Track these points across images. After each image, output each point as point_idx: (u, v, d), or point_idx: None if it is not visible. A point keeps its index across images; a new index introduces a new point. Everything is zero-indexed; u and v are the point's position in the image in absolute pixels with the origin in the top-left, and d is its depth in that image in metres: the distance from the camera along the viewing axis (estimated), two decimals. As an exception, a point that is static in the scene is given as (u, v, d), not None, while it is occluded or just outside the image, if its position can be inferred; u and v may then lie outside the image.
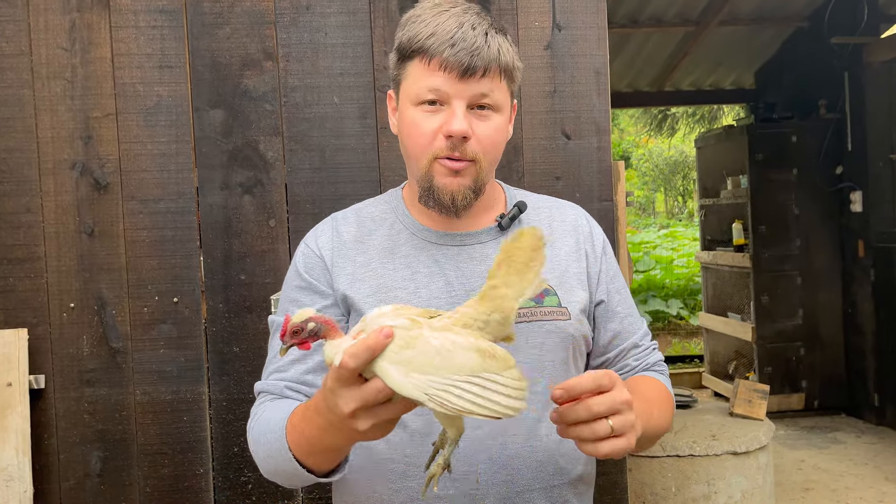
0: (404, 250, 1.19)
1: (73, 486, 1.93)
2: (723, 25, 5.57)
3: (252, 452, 1.12)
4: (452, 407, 0.79)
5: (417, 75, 1.10)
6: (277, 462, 1.04)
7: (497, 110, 1.13)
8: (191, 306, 1.95)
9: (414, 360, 0.80)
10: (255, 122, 1.97)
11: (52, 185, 1.93)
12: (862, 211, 5.10)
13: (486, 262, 1.17)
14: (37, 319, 1.92)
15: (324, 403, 0.90)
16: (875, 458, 4.50)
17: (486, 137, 1.12)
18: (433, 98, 1.09)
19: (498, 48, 1.10)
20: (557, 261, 1.21)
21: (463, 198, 1.13)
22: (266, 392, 1.17)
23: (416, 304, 1.12)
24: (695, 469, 2.83)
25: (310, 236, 1.24)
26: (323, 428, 0.93)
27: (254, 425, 1.12)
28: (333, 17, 1.98)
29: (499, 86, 1.11)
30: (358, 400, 0.84)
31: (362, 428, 0.86)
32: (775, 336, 5.36)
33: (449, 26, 1.08)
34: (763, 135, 5.34)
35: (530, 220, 1.24)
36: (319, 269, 1.19)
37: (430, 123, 1.10)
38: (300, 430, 0.98)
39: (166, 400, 1.95)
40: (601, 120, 2.04)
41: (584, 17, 2.02)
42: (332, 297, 1.17)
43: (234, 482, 1.96)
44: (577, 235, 1.25)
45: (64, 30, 1.92)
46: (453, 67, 1.07)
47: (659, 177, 17.79)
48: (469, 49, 1.07)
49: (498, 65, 1.10)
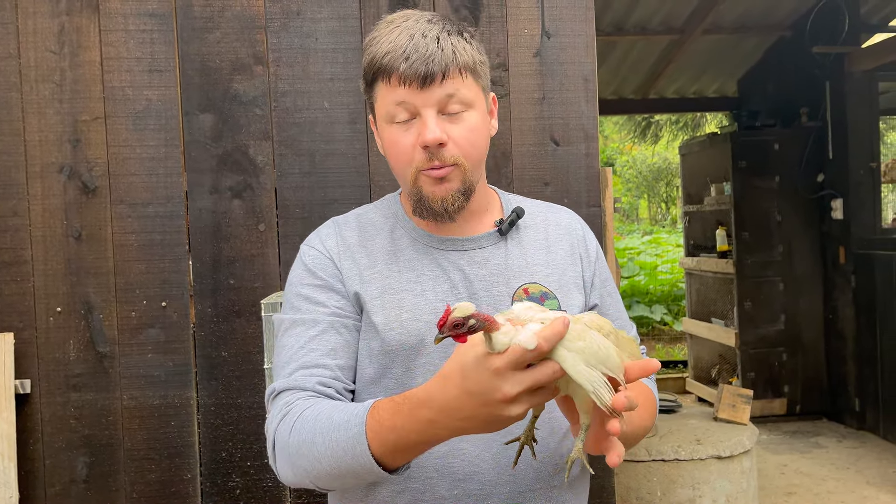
0: (407, 254, 1.19)
1: (59, 492, 1.92)
2: (706, 34, 5.64)
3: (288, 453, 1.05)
4: (601, 401, 0.88)
5: (383, 95, 1.12)
6: (341, 460, 0.99)
7: (469, 107, 1.13)
8: (179, 310, 1.95)
9: (585, 351, 0.87)
10: (245, 126, 1.97)
11: (40, 189, 1.92)
12: (843, 218, 5.17)
13: (487, 265, 1.18)
14: (23, 324, 1.91)
15: (458, 391, 0.89)
16: (856, 463, 4.55)
17: (462, 138, 1.12)
18: (402, 114, 1.11)
19: (453, 49, 1.10)
20: (556, 265, 1.23)
21: (453, 202, 1.14)
22: (293, 389, 1.10)
23: (422, 306, 1.14)
24: (680, 473, 2.85)
25: (314, 239, 1.23)
26: (430, 420, 0.92)
27: (294, 426, 1.04)
28: (324, 23, 1.99)
29: (464, 84, 1.12)
30: (528, 381, 0.86)
31: (516, 412, 0.88)
32: (758, 341, 5.41)
33: (401, 41, 1.09)
34: (746, 142, 5.40)
35: (528, 225, 1.25)
36: (331, 269, 1.18)
37: (406, 138, 1.12)
38: (390, 424, 0.96)
39: (154, 405, 1.94)
40: (589, 126, 2.06)
41: (573, 25, 2.04)
42: (345, 294, 1.17)
43: (222, 487, 1.95)
44: (572, 239, 1.27)
45: (53, 33, 1.91)
46: (412, 79, 1.08)
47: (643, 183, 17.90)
48: (423, 58, 1.08)
49: (456, 65, 1.10)
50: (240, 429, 1.96)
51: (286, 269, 1.97)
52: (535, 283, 1.19)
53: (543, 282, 1.20)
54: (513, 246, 1.22)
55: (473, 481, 1.10)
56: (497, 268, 1.19)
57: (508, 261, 1.20)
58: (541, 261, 1.22)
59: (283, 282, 1.97)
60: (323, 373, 1.11)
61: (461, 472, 1.10)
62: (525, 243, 1.23)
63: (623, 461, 2.96)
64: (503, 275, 1.18)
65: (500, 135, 2.04)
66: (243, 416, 1.96)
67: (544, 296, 1.18)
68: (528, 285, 1.18)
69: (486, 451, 1.11)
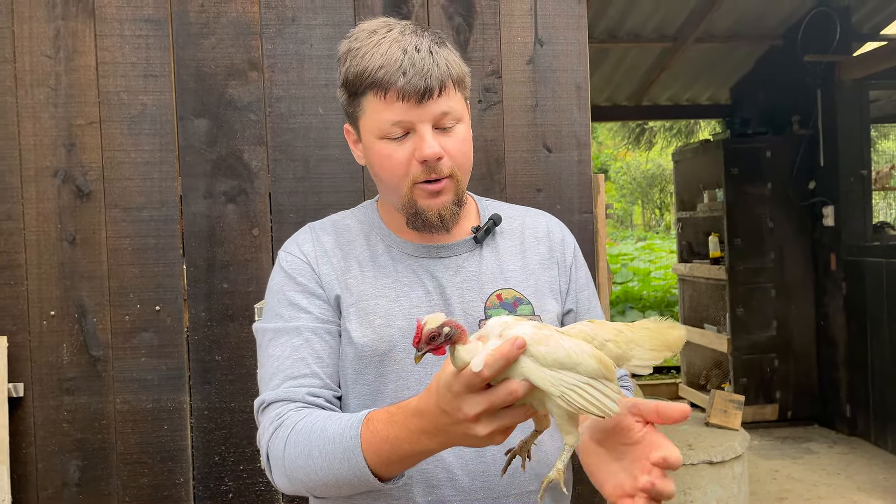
0: (382, 260, 1.20)
1: (52, 496, 1.92)
2: (699, 42, 5.68)
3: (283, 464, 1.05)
4: (575, 404, 0.85)
5: (376, 109, 1.11)
6: (338, 471, 1.00)
7: (460, 120, 1.15)
8: (173, 315, 1.95)
9: (547, 357, 0.85)
10: (240, 131, 1.98)
11: (34, 193, 1.92)
12: (834, 225, 5.21)
13: (461, 272, 1.19)
14: (16, 327, 1.91)
15: (435, 408, 0.91)
16: (847, 468, 4.57)
17: (456, 150, 1.14)
18: (398, 130, 1.11)
19: (446, 63, 1.11)
20: (531, 269, 1.23)
21: (451, 214, 1.15)
22: (283, 400, 1.10)
23: (396, 312, 1.15)
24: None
25: (291, 244, 1.24)
26: (424, 431, 0.93)
27: (289, 437, 1.05)
28: (319, 29, 2.00)
29: (456, 98, 1.13)
30: (485, 403, 0.86)
31: (482, 433, 0.88)
32: (750, 347, 5.44)
33: (394, 54, 1.08)
34: (738, 149, 5.44)
35: (504, 231, 1.26)
36: (309, 274, 1.19)
37: (401, 153, 1.12)
38: (383, 435, 0.97)
39: (147, 408, 1.94)
40: (582, 133, 2.08)
41: (566, 34, 2.06)
42: (326, 299, 1.17)
43: (215, 491, 1.96)
44: (550, 243, 1.27)
45: (48, 38, 1.92)
46: (410, 95, 1.08)
47: (636, 190, 17.97)
48: (421, 73, 1.08)
49: (451, 79, 1.12)
50: (233, 433, 1.96)
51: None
52: (509, 288, 1.20)
53: (517, 287, 1.20)
54: (488, 252, 1.23)
55: (448, 487, 1.11)
56: (471, 274, 1.19)
57: (482, 267, 1.21)
58: (515, 266, 1.23)
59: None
60: (312, 382, 1.12)
61: (436, 478, 1.10)
62: (500, 249, 1.24)
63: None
64: (476, 281, 1.19)
65: (493, 141, 2.05)
66: (236, 420, 1.96)
67: (517, 301, 1.19)
68: (500, 291, 1.19)
69: (461, 457, 1.12)
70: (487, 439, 0.89)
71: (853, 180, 5.15)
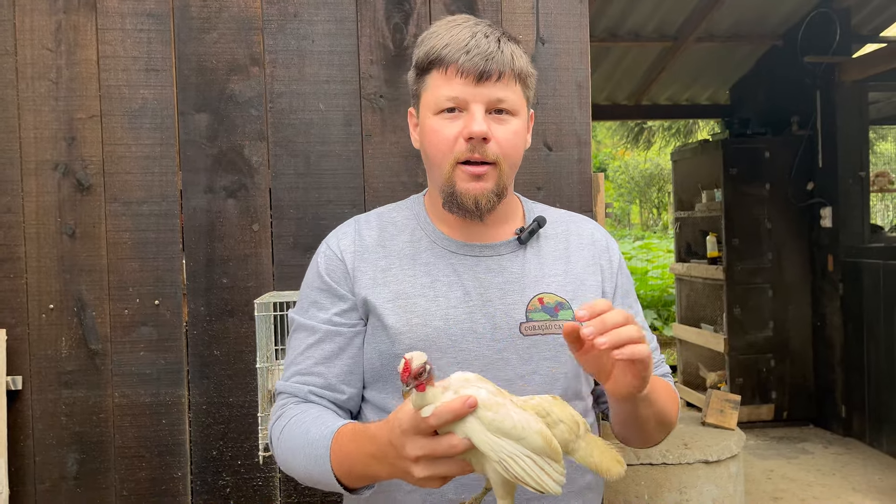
0: (425, 258, 1.20)
1: (49, 489, 1.92)
2: (699, 42, 5.68)
3: (278, 454, 1.15)
4: (512, 472, 0.88)
5: (436, 85, 1.14)
6: (313, 472, 1.07)
7: (514, 114, 1.16)
8: (172, 309, 1.95)
9: (493, 423, 0.88)
10: (241, 126, 1.98)
11: (34, 186, 1.92)
12: (832, 226, 5.22)
13: (504, 273, 1.19)
14: (15, 320, 1.91)
15: (386, 438, 0.94)
16: (842, 469, 4.59)
17: (505, 140, 1.15)
18: (452, 105, 1.13)
19: (511, 54, 1.14)
20: (574, 274, 1.23)
21: (487, 201, 1.15)
22: (288, 394, 1.19)
23: (434, 312, 1.15)
24: (667, 477, 2.87)
25: (332, 237, 1.25)
26: (373, 456, 0.97)
27: (283, 430, 1.14)
28: (320, 25, 2.00)
29: (514, 90, 1.15)
30: (426, 449, 0.89)
31: (419, 475, 0.91)
32: (747, 347, 5.45)
33: (462, 35, 1.13)
34: (737, 150, 5.44)
35: (548, 235, 1.25)
36: (340, 273, 1.20)
37: (450, 129, 1.14)
38: (347, 450, 1.02)
39: (145, 403, 1.95)
40: (582, 132, 2.08)
41: (567, 32, 2.06)
42: (351, 301, 1.19)
43: (213, 486, 1.96)
44: (594, 249, 1.27)
45: (50, 31, 1.92)
46: (469, 72, 1.11)
47: (634, 189, 17.97)
48: (483, 54, 1.11)
49: (512, 69, 1.14)
50: (231, 428, 1.96)
51: (279, 269, 1.98)
52: (551, 293, 1.19)
53: (559, 292, 1.20)
54: (531, 255, 1.22)
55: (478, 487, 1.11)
56: (513, 276, 1.19)
57: (525, 269, 1.20)
58: (559, 270, 1.22)
59: (276, 282, 1.98)
60: (315, 381, 1.18)
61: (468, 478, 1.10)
62: (544, 253, 1.23)
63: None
64: (519, 283, 1.19)
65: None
66: (234, 415, 1.96)
67: (559, 305, 1.18)
68: (543, 295, 1.19)
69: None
70: (424, 482, 0.92)
71: (851, 182, 5.16)
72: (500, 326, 1.15)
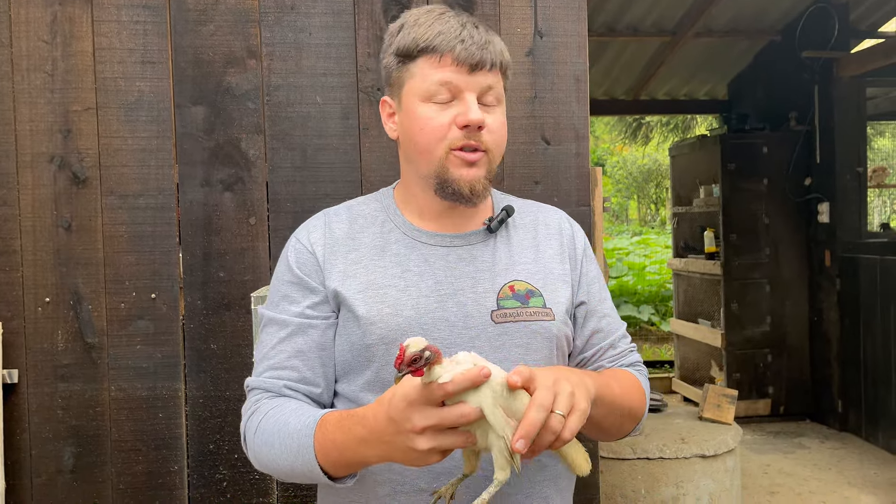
0: (395, 248, 1.21)
1: (45, 482, 1.92)
2: (698, 37, 5.67)
3: (253, 449, 1.13)
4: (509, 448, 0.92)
5: (426, 72, 1.14)
6: (294, 464, 1.06)
7: (500, 104, 1.19)
8: (169, 303, 1.95)
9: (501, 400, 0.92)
10: (238, 119, 1.97)
11: (30, 179, 1.91)
12: (829, 222, 5.22)
13: (474, 262, 1.20)
14: (11, 313, 1.90)
15: (384, 415, 0.94)
16: (838, 463, 4.60)
17: (496, 129, 1.18)
18: (445, 91, 1.14)
19: (500, 46, 1.18)
20: (542, 262, 1.24)
21: (482, 188, 1.18)
22: (262, 389, 1.17)
23: (404, 301, 1.16)
24: (664, 471, 2.88)
25: (301, 231, 1.25)
26: (364, 439, 0.97)
27: (259, 425, 1.12)
28: (318, 18, 1.99)
29: (499, 81, 1.18)
30: (436, 418, 0.90)
31: (422, 447, 0.91)
32: (744, 343, 5.46)
33: (453, 26, 1.14)
34: (735, 145, 5.44)
35: (517, 224, 1.27)
36: (311, 265, 1.20)
37: (442, 117, 1.14)
38: (332, 437, 1.02)
39: (142, 396, 1.94)
40: (580, 126, 2.08)
41: (566, 25, 2.06)
42: (322, 294, 1.19)
43: (209, 479, 1.96)
44: (562, 238, 1.28)
45: (45, 23, 1.91)
46: (464, 61, 1.13)
47: (632, 184, 17.97)
48: (479, 44, 1.14)
49: (501, 61, 1.17)
50: (227, 421, 1.96)
51: (276, 262, 1.97)
52: (521, 280, 1.20)
53: (530, 280, 1.21)
54: (501, 244, 1.23)
55: (452, 476, 1.11)
56: (484, 265, 1.20)
57: (496, 258, 1.21)
58: (528, 259, 1.24)
59: (272, 275, 1.97)
60: (290, 375, 1.17)
61: (441, 466, 1.10)
62: (513, 241, 1.25)
63: (608, 459, 2.97)
64: (489, 271, 1.20)
65: (492, 133, 2.05)
66: (231, 408, 1.96)
67: (530, 293, 1.20)
68: (513, 282, 1.20)
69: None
70: (425, 455, 0.92)
71: (849, 177, 5.17)
72: (471, 315, 1.16)
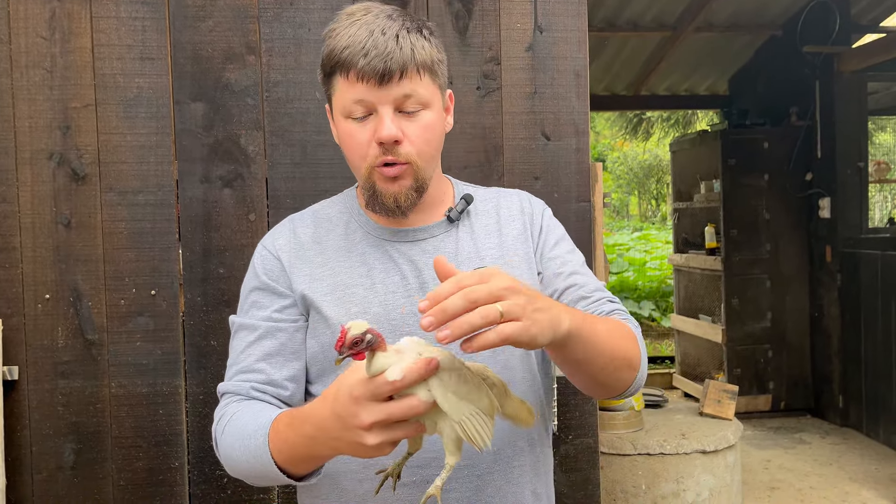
0: (360, 248, 1.21)
1: (46, 479, 1.92)
2: (699, 32, 5.66)
3: (221, 453, 1.13)
4: (466, 433, 0.92)
5: (342, 90, 1.12)
6: (254, 466, 1.06)
7: (426, 107, 1.14)
8: (168, 299, 1.95)
9: (457, 386, 0.91)
10: (237, 115, 1.97)
11: (29, 175, 1.91)
12: (830, 217, 5.21)
13: (438, 254, 1.19)
14: (11, 310, 1.90)
15: (329, 412, 0.93)
16: (839, 459, 4.60)
17: (417, 137, 1.13)
18: (360, 109, 1.11)
19: (412, 48, 1.11)
20: (507, 247, 1.24)
21: (406, 199, 1.16)
22: (231, 393, 1.18)
23: (371, 299, 1.16)
24: (665, 467, 2.88)
25: (267, 238, 1.26)
26: (311, 437, 0.96)
27: (225, 428, 1.12)
28: (317, 13, 1.99)
29: (421, 83, 1.12)
30: (384, 413, 0.88)
31: (371, 442, 0.89)
32: (744, 338, 5.46)
33: (360, 36, 1.09)
34: (736, 140, 5.43)
35: (479, 211, 1.26)
36: (277, 271, 1.21)
37: (362, 134, 1.13)
38: (284, 437, 1.01)
39: (142, 393, 1.94)
40: (580, 122, 2.07)
41: (565, 20, 2.05)
42: (290, 298, 1.19)
43: (210, 476, 1.96)
44: (524, 218, 1.27)
45: (44, 19, 1.90)
46: (370, 76, 1.08)
47: (633, 180, 17.96)
48: (382, 55, 1.08)
49: (415, 64, 1.11)
50: (228, 418, 1.96)
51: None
52: (486, 266, 1.20)
53: (495, 265, 1.20)
54: (464, 233, 1.23)
55: (431, 467, 1.12)
56: (447, 255, 1.20)
57: (459, 247, 1.21)
58: (492, 244, 1.23)
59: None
60: (257, 377, 1.17)
61: (421, 457, 1.11)
62: (476, 229, 1.24)
63: (608, 454, 2.97)
64: (453, 261, 1.19)
65: (492, 128, 2.05)
66: (231, 405, 1.96)
67: None
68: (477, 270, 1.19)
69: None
70: (375, 449, 0.91)
71: (850, 172, 5.16)
72: None
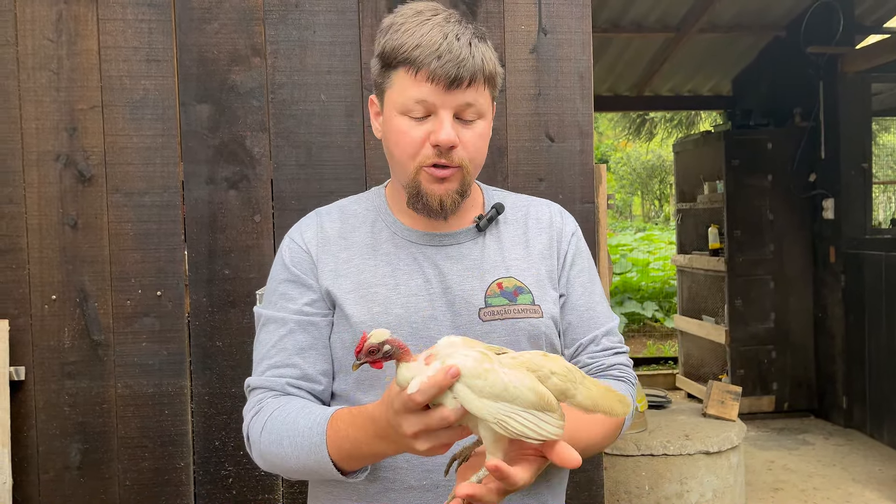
0: (385, 248, 1.21)
1: (53, 479, 1.93)
2: (702, 32, 5.65)
3: (261, 448, 1.12)
4: (511, 429, 0.90)
5: (404, 85, 1.12)
6: (306, 462, 1.07)
7: (481, 117, 1.16)
8: (174, 300, 1.96)
9: (484, 390, 0.89)
10: (242, 117, 1.98)
11: (36, 177, 1.92)
12: (834, 218, 5.21)
13: (463, 261, 1.20)
14: (18, 311, 1.91)
15: (384, 418, 0.95)
16: (843, 460, 4.60)
17: (471, 144, 1.15)
18: (420, 109, 1.12)
19: (482, 57, 1.12)
20: (533, 259, 1.24)
21: (452, 202, 1.16)
22: (264, 388, 1.17)
23: (394, 300, 1.16)
24: (668, 468, 2.88)
25: (294, 231, 1.26)
26: (377, 436, 0.99)
27: (265, 424, 1.12)
28: (322, 16, 2.00)
29: (482, 93, 1.14)
30: (421, 424, 0.91)
31: (421, 448, 0.93)
32: (748, 339, 5.45)
33: (434, 37, 1.09)
34: (739, 141, 5.43)
35: (508, 220, 1.26)
36: (306, 263, 1.20)
37: (417, 132, 1.13)
38: (345, 433, 1.03)
39: (148, 393, 1.95)
40: (584, 123, 2.08)
41: (570, 23, 2.06)
42: (318, 291, 1.19)
43: (215, 476, 1.97)
44: (552, 233, 1.28)
45: (51, 21, 1.92)
46: (440, 79, 1.09)
47: (636, 181, 17.95)
48: (455, 60, 1.09)
49: (482, 74, 1.13)
50: (233, 418, 1.97)
51: (281, 260, 1.98)
52: (510, 277, 1.20)
53: (519, 276, 1.21)
54: (490, 241, 1.23)
55: (442, 472, 1.12)
56: (473, 262, 1.20)
57: (485, 255, 1.21)
58: (518, 255, 1.23)
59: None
60: (292, 372, 1.17)
61: (431, 461, 1.12)
62: (503, 238, 1.24)
63: (612, 455, 2.98)
64: (478, 269, 1.20)
65: (496, 130, 2.05)
66: (237, 405, 1.97)
67: (518, 290, 1.19)
68: (501, 280, 1.20)
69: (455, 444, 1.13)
70: (428, 453, 0.94)
71: (854, 173, 5.15)
72: (459, 313, 1.16)
